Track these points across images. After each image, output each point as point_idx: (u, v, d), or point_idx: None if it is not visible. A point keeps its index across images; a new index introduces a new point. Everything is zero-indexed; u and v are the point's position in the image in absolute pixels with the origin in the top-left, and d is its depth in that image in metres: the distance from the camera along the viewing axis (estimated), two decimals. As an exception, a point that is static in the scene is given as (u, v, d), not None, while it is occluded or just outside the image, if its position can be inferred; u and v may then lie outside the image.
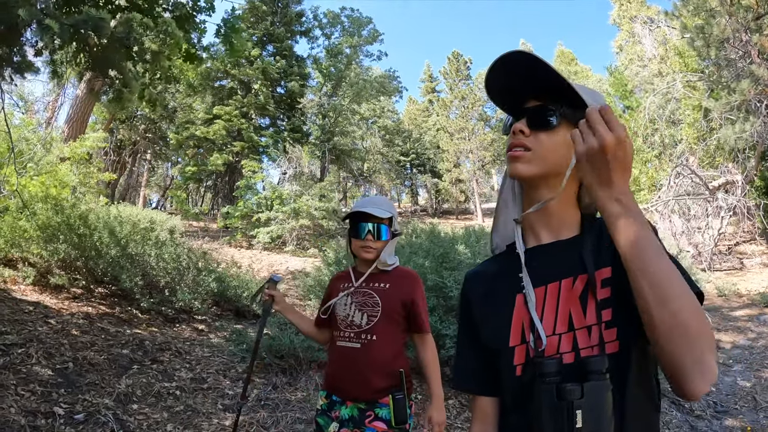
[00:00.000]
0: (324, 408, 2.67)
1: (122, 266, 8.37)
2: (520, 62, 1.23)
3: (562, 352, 1.18)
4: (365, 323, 2.60)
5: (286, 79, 30.73)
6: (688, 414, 5.74)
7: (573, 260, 1.25)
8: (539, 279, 1.27)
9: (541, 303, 1.24)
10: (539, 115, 1.26)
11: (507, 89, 1.31)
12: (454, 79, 47.85)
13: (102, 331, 6.95)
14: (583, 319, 1.18)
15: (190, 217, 26.67)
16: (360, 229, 2.65)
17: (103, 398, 4.88)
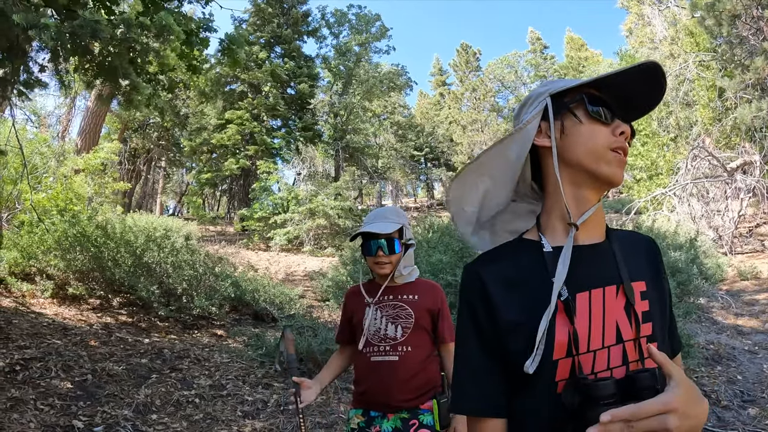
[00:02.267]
0: (362, 425, 2.59)
1: (139, 275, 8.42)
2: (656, 77, 1.18)
3: (612, 367, 1.07)
4: (400, 335, 2.57)
5: (295, 80, 30.71)
6: (714, 405, 5.63)
7: (611, 268, 1.15)
8: (581, 284, 1.12)
9: (587, 311, 1.10)
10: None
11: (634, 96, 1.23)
12: (464, 71, 47.76)
13: (120, 341, 6.98)
14: (630, 331, 1.09)
15: (207, 222, 26.81)
16: (370, 246, 2.62)
17: (122, 409, 4.89)
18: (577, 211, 1.18)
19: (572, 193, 1.19)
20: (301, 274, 15.78)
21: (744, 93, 16.48)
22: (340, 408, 5.44)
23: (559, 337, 1.07)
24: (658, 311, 1.13)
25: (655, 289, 1.16)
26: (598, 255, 1.17)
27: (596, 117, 1.17)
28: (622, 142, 1.16)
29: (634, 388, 0.93)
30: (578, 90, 1.20)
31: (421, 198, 56.07)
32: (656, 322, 1.12)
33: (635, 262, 1.18)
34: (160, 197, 39.38)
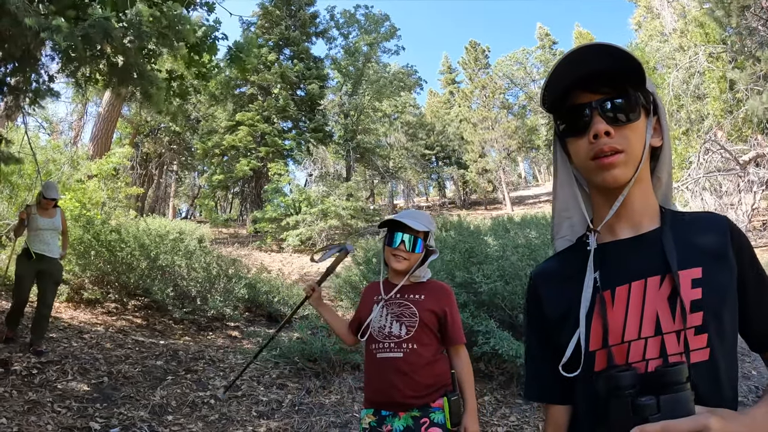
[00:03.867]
0: (374, 425, 2.60)
1: (153, 278, 8.49)
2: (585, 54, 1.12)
3: (648, 359, 1.09)
4: (404, 333, 2.57)
5: (305, 81, 30.81)
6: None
7: (658, 257, 1.14)
8: (622, 277, 1.16)
9: (625, 303, 1.14)
10: (622, 109, 1.14)
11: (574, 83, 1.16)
12: (473, 68, 47.55)
13: (136, 343, 7.04)
14: (672, 322, 1.09)
15: (219, 225, 26.90)
16: (394, 237, 2.63)
17: (138, 411, 4.93)
18: (607, 211, 1.20)
19: (601, 197, 1.23)
20: (315, 275, 15.80)
21: (755, 85, 16.32)
22: (354, 407, 5.45)
23: (594, 329, 1.14)
24: (720, 297, 1.09)
25: (719, 272, 1.12)
26: (644, 246, 1.18)
27: (571, 134, 1.19)
28: (599, 146, 1.12)
29: (659, 383, 0.94)
30: (557, 108, 1.22)
31: (433, 197, 55.99)
32: (712, 311, 1.08)
33: (692, 248, 1.15)
34: (173, 201, 39.59)
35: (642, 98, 1.15)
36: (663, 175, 1.27)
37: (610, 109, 1.13)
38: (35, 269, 6.45)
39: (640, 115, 1.15)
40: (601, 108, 1.13)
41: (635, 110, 1.14)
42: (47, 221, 6.60)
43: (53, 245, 6.64)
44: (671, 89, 20.72)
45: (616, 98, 1.13)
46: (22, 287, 6.43)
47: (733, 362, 1.11)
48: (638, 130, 1.15)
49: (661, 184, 1.28)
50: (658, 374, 0.96)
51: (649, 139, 1.17)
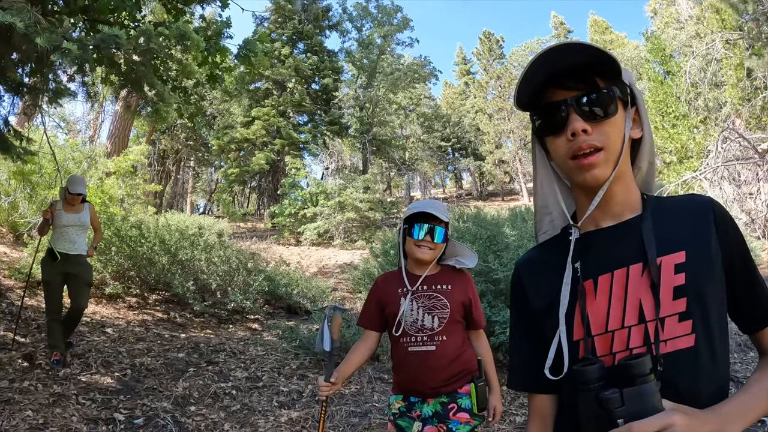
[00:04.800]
0: (403, 410, 2.66)
1: (174, 273, 8.59)
2: (559, 52, 1.09)
3: (632, 348, 1.08)
4: (437, 325, 2.60)
5: (319, 74, 30.85)
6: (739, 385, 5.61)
7: (639, 244, 1.14)
8: (604, 266, 1.16)
9: (608, 292, 1.13)
10: (598, 104, 1.12)
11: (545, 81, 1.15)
12: (488, 59, 47.36)
13: (158, 336, 7.13)
14: (655, 309, 1.08)
15: (237, 219, 27.05)
16: (418, 229, 2.63)
17: (161, 402, 5.00)
18: (588, 205, 1.18)
19: (582, 192, 1.22)
20: (333, 268, 15.89)
21: (773, 72, 16.15)
22: (374, 397, 5.50)
23: (577, 319, 1.14)
24: (705, 281, 1.08)
25: (704, 255, 1.11)
26: (626, 233, 1.17)
27: (548, 133, 1.18)
28: (578, 144, 1.11)
29: (624, 375, 0.95)
30: (533, 107, 1.21)
31: (450, 188, 55.92)
32: (696, 296, 1.07)
33: (675, 232, 1.14)
34: (190, 196, 39.80)
35: (618, 91, 1.13)
36: (643, 164, 1.26)
37: (586, 105, 1.12)
38: (62, 271, 5.91)
39: (618, 108, 1.13)
40: (577, 104, 1.12)
41: (612, 104, 1.12)
42: (72, 217, 6.11)
43: (80, 243, 6.15)
44: (688, 77, 20.51)
45: (592, 94, 1.12)
46: (52, 295, 5.87)
47: (723, 347, 1.10)
48: (616, 124, 1.13)
49: (642, 173, 1.26)
50: (621, 367, 0.97)
51: (629, 132, 1.16)
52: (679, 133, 23.11)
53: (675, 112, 23.59)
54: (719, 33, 19.63)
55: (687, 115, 22.64)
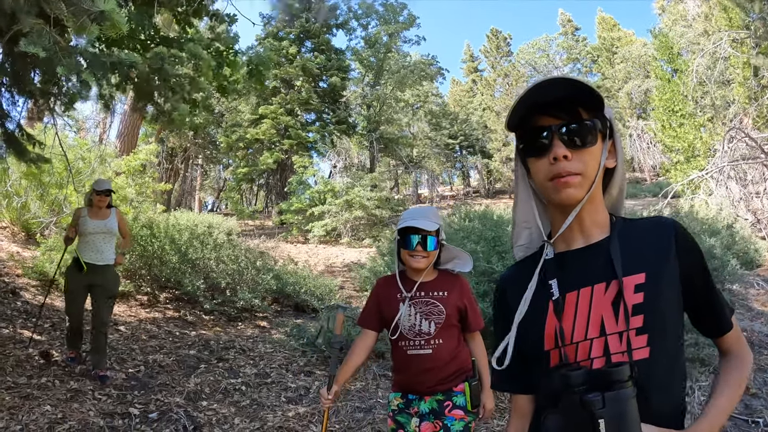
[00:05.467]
0: (401, 407, 2.86)
1: (184, 271, 8.76)
2: (550, 85, 1.22)
3: (593, 357, 1.21)
4: (433, 330, 2.76)
5: (326, 73, 30.87)
6: (743, 393, 5.65)
7: (604, 265, 1.26)
8: (572, 284, 1.28)
9: (574, 307, 1.26)
10: (580, 134, 1.24)
11: (534, 107, 1.26)
12: (495, 56, 47.29)
13: (169, 334, 7.31)
14: (615, 324, 1.20)
15: (246, 217, 27.17)
16: (410, 240, 2.76)
17: (174, 397, 5.19)
18: (562, 224, 1.31)
19: (557, 212, 1.35)
20: (340, 266, 15.99)
21: (780, 71, 16.10)
22: (378, 393, 5.66)
23: (548, 331, 1.28)
24: (662, 300, 1.20)
25: (662, 276, 1.22)
26: (592, 255, 1.30)
27: (532, 154, 1.30)
28: (558, 168, 1.22)
29: (605, 381, 1.08)
30: (520, 129, 1.32)
31: (458, 186, 55.78)
32: (653, 313, 1.19)
33: (637, 254, 1.26)
34: (199, 194, 39.96)
35: (599, 124, 1.26)
36: (614, 191, 1.39)
37: (568, 133, 1.23)
38: (86, 283, 5.66)
39: (597, 139, 1.25)
40: (561, 132, 1.23)
41: (592, 135, 1.24)
42: (99, 224, 5.78)
43: (107, 252, 5.81)
44: (695, 75, 20.44)
45: (575, 124, 1.23)
46: (73, 305, 5.68)
47: (677, 360, 1.24)
48: (594, 154, 1.25)
49: (612, 198, 1.40)
50: (603, 373, 1.10)
51: (604, 162, 1.28)
52: (686, 132, 23.07)
53: (682, 110, 23.55)
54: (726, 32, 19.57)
55: (694, 114, 22.61)
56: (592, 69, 46.16)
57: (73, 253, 5.87)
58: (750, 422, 5.17)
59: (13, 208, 10.72)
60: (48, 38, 3.43)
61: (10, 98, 6.15)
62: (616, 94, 40.47)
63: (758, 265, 11.28)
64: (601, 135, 1.27)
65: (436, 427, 2.72)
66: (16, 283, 8.02)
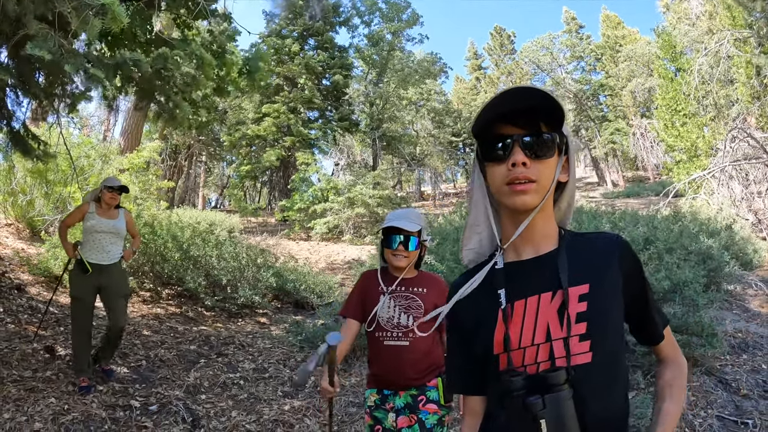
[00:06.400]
0: (378, 403, 2.96)
1: (186, 268, 8.91)
2: (516, 94, 1.28)
3: (539, 361, 1.29)
4: (411, 323, 2.87)
5: (329, 71, 30.90)
6: (734, 393, 5.66)
7: (551, 275, 1.34)
8: (520, 293, 1.36)
9: (521, 315, 1.34)
10: (539, 145, 1.31)
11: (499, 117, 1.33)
12: (499, 54, 47.39)
13: (171, 329, 7.46)
14: (560, 331, 1.28)
15: (248, 214, 27.26)
16: (392, 240, 2.89)
17: (174, 390, 5.34)
18: (513, 231, 1.39)
19: (508, 219, 1.42)
20: (341, 263, 16.07)
21: (782, 71, 16.10)
22: (372, 388, 5.82)
23: (497, 337, 1.36)
24: (603, 309, 1.30)
25: (604, 287, 1.32)
26: (540, 266, 1.38)
27: (491, 159, 1.37)
28: (516, 173, 1.29)
29: (545, 384, 1.19)
30: (482, 136, 1.39)
31: (460, 184, 55.80)
32: (595, 321, 1.27)
33: (582, 266, 1.35)
34: (202, 191, 40.11)
35: (557, 138, 1.34)
36: (563, 204, 1.48)
37: (529, 144, 1.30)
38: (95, 285, 5.32)
39: (554, 152, 1.33)
40: (522, 141, 1.30)
41: (550, 148, 1.32)
42: (107, 223, 5.46)
43: (114, 252, 5.51)
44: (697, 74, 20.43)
45: (535, 135, 1.31)
46: (81, 312, 5.26)
47: (618, 365, 1.33)
48: (550, 166, 1.33)
49: (561, 212, 1.48)
50: (542, 378, 1.21)
51: (558, 175, 1.36)
52: (689, 131, 23.06)
53: (685, 109, 23.56)
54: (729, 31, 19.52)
55: (697, 113, 22.62)
56: (596, 67, 45.92)
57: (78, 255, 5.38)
58: (740, 423, 5.19)
59: (19, 205, 10.84)
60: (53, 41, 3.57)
61: (15, 99, 6.28)
62: (620, 92, 40.39)
63: (757, 266, 11.25)
64: (558, 149, 1.35)
65: (411, 421, 2.84)
66: (22, 279, 8.14)
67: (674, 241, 7.77)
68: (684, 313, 5.90)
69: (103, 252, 5.42)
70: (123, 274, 5.71)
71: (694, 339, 5.85)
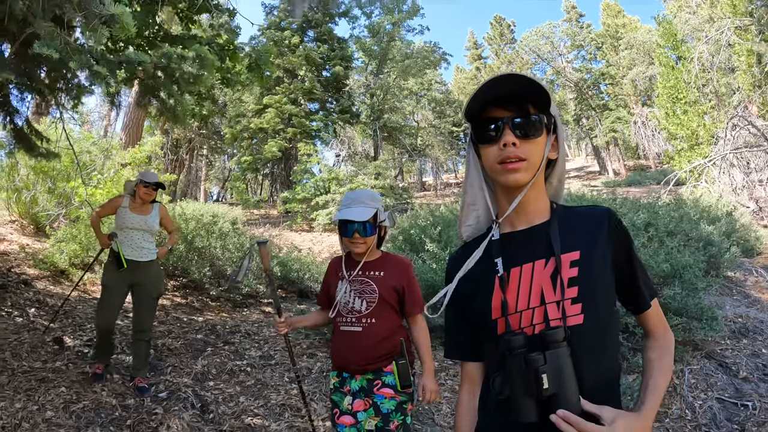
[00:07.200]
0: (337, 386, 2.98)
1: (190, 260, 8.98)
2: (504, 80, 1.41)
3: (535, 323, 1.39)
4: (365, 309, 2.88)
5: (329, 62, 30.86)
6: (734, 377, 5.75)
7: (544, 244, 1.45)
8: (516, 261, 1.48)
9: (517, 281, 1.45)
10: (527, 126, 1.42)
11: (492, 101, 1.45)
12: (499, 44, 47.36)
13: (177, 320, 7.55)
14: (553, 294, 1.39)
15: (251, 206, 27.32)
16: (347, 230, 2.90)
17: (182, 378, 5.44)
18: (508, 206, 1.51)
19: (503, 195, 1.55)
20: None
21: (783, 59, 16.07)
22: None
23: (495, 302, 1.47)
24: (594, 274, 1.40)
25: (594, 254, 1.42)
26: (534, 236, 1.50)
27: (484, 141, 1.49)
28: (507, 153, 1.41)
29: (544, 342, 1.29)
30: (475, 119, 1.51)
31: (462, 174, 55.81)
32: (586, 285, 1.38)
33: (573, 235, 1.46)
34: (204, 184, 40.16)
35: (545, 119, 1.46)
36: (554, 180, 1.61)
37: (518, 125, 1.43)
38: (128, 281, 5.29)
39: (542, 132, 1.45)
40: (512, 123, 1.43)
41: (538, 128, 1.44)
42: (138, 219, 5.37)
43: (147, 249, 5.41)
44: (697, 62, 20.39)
45: (523, 117, 1.43)
46: (107, 303, 5.19)
47: (609, 327, 1.44)
48: (539, 144, 1.45)
49: (552, 188, 1.61)
50: (542, 336, 1.31)
51: (547, 153, 1.48)
52: (690, 120, 23.06)
53: (686, 98, 23.56)
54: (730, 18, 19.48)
55: (698, 101, 22.62)
56: (597, 56, 45.85)
57: (114, 245, 5.31)
58: (739, 405, 5.31)
59: (23, 202, 10.92)
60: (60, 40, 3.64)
61: (19, 95, 6.32)
62: (621, 81, 40.34)
63: (758, 253, 11.31)
64: (546, 129, 1.47)
65: (366, 405, 2.84)
66: (28, 274, 8.22)
67: (674, 226, 7.83)
68: (684, 296, 5.97)
69: (136, 248, 5.32)
70: (159, 273, 5.60)
71: (694, 323, 5.92)
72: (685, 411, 5.29)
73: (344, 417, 2.88)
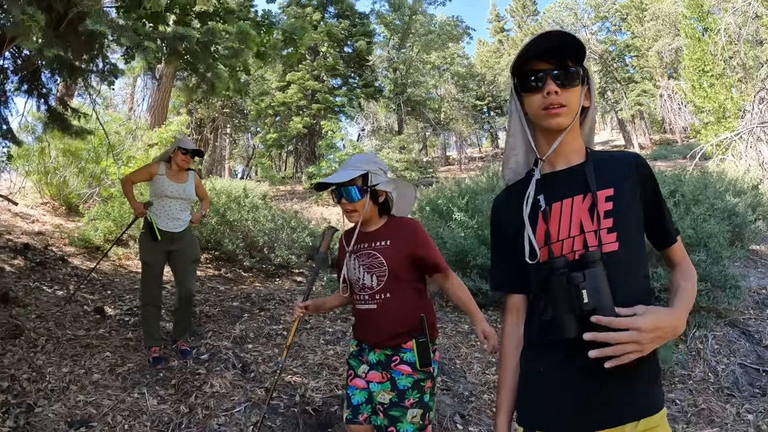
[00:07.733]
0: (355, 353, 2.89)
1: (223, 232, 9.16)
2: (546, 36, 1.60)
3: (575, 250, 1.58)
4: (376, 284, 2.69)
5: (351, 38, 30.84)
6: (756, 344, 5.87)
7: (582, 182, 1.64)
8: (557, 196, 1.66)
9: (558, 214, 1.64)
10: (567, 77, 1.62)
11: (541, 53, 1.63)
12: (522, 16, 46.83)
13: (212, 289, 7.74)
14: (591, 225, 1.58)
15: (276, 183, 27.50)
16: (337, 196, 2.73)
17: (222, 341, 5.61)
18: (548, 149, 1.71)
19: (543, 138, 1.74)
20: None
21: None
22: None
23: (538, 234, 1.67)
24: (626, 208, 1.59)
25: (625, 191, 1.61)
26: (572, 174, 1.69)
27: (528, 91, 1.69)
28: (551, 99, 1.61)
29: (582, 262, 1.47)
30: (519, 72, 1.70)
31: (486, 147, 55.59)
32: (619, 217, 1.57)
33: (607, 175, 1.64)
34: (228, 163, 40.37)
35: (581, 71, 1.65)
36: (587, 126, 1.82)
37: (558, 76, 1.62)
38: (164, 251, 5.24)
39: (579, 83, 1.65)
40: (553, 74, 1.62)
41: (575, 79, 1.64)
42: (177, 187, 5.27)
43: (183, 219, 5.35)
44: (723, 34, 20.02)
45: (564, 69, 1.63)
46: (151, 278, 5.20)
47: (639, 255, 1.62)
48: (576, 93, 1.65)
49: (584, 133, 1.81)
50: (581, 257, 1.50)
51: (582, 100, 1.68)
52: (717, 93, 22.65)
53: (712, 70, 23.15)
54: (758, -12, 19.06)
55: (724, 74, 22.27)
56: (621, 27, 45.03)
57: (148, 217, 5.25)
58: (761, 371, 5.48)
59: (53, 184, 11.15)
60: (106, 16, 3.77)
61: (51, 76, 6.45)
62: (646, 53, 39.62)
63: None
64: (581, 80, 1.66)
65: (383, 378, 2.70)
66: (64, 251, 8.43)
67: (699, 193, 7.92)
68: (708, 264, 6.12)
69: (173, 219, 5.26)
70: (193, 239, 5.56)
71: (717, 291, 6.08)
72: (708, 374, 5.43)
73: (357, 380, 2.81)
